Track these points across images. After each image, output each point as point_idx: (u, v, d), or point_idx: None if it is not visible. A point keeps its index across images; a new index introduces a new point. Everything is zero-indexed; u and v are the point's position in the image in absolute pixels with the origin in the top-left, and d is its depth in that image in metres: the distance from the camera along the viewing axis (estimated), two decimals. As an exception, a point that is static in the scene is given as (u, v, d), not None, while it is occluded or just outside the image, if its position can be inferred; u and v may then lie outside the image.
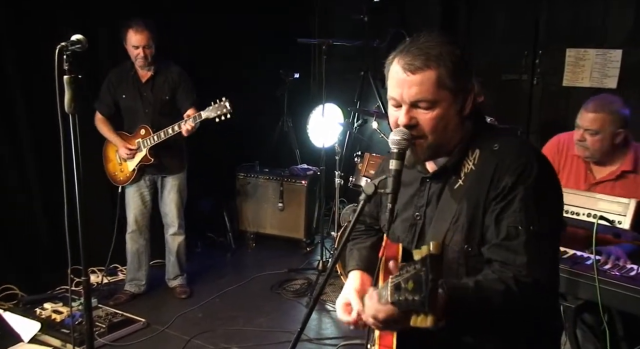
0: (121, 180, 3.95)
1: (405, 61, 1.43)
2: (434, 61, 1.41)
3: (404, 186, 1.60)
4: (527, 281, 1.34)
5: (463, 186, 1.48)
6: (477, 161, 1.48)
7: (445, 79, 1.41)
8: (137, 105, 3.87)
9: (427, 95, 1.42)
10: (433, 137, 1.47)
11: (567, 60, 4.86)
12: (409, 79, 1.42)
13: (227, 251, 5.09)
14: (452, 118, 1.46)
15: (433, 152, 1.51)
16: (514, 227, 1.38)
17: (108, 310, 3.71)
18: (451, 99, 1.44)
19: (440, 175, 1.55)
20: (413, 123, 1.46)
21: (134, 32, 3.67)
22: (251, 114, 5.43)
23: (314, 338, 3.60)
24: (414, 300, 1.08)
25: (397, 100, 1.48)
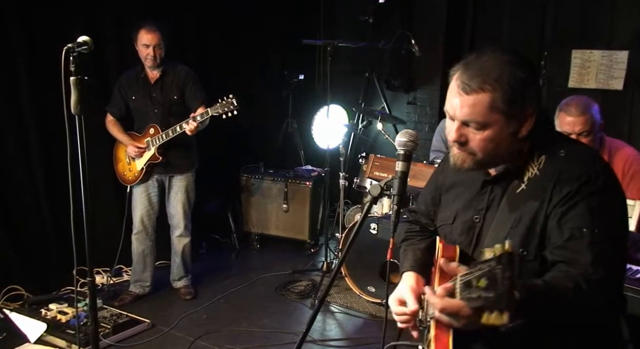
0: (130, 180, 3.97)
1: (462, 80, 1.41)
2: (490, 84, 1.38)
3: (464, 187, 1.62)
4: (595, 279, 1.31)
5: (525, 190, 1.46)
6: (542, 166, 1.46)
7: (499, 103, 1.39)
8: (147, 105, 3.90)
9: (477, 117, 1.40)
10: (482, 155, 1.46)
11: (573, 62, 4.85)
12: (462, 99, 1.41)
13: (231, 252, 5.09)
14: (503, 140, 1.44)
15: (481, 166, 1.51)
16: (578, 229, 1.36)
17: (113, 311, 3.71)
18: (504, 122, 1.41)
19: (502, 179, 1.53)
20: (462, 140, 1.46)
21: (146, 31, 3.71)
22: (256, 115, 5.45)
23: (319, 339, 3.60)
24: (487, 297, 1.08)
25: (450, 114, 1.47)
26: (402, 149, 1.59)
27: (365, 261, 3.97)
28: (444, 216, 1.67)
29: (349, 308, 4.04)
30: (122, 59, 4.27)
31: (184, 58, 4.11)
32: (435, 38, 5.53)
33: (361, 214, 1.58)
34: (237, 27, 5.22)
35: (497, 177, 1.54)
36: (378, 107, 5.69)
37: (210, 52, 5.03)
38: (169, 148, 3.87)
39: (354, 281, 4.09)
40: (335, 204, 5.39)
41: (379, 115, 4.68)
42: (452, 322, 1.26)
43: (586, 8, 4.79)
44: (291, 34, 5.41)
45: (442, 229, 1.68)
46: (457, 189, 1.66)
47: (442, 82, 5.62)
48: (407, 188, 1.60)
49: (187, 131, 3.67)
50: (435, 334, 1.43)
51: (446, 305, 1.23)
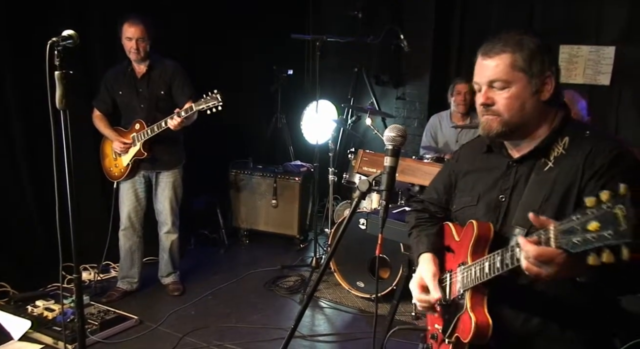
0: (116, 175, 3.94)
1: (486, 49, 1.59)
2: (510, 47, 1.55)
3: (485, 171, 1.72)
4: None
5: (553, 168, 1.55)
6: (567, 146, 1.55)
7: (520, 61, 1.54)
8: (133, 101, 3.86)
9: (501, 75, 1.55)
10: (508, 115, 1.56)
11: (561, 57, 4.87)
12: (486, 62, 1.58)
13: (220, 247, 5.08)
14: (527, 99, 1.56)
15: (508, 129, 1.58)
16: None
17: (100, 307, 3.69)
18: (526, 81, 1.55)
19: (528, 159, 1.62)
20: (489, 102, 1.58)
21: (129, 24, 3.69)
22: (245, 110, 5.43)
23: (307, 334, 3.60)
24: (604, 236, 1.11)
25: (477, 83, 1.62)
26: (390, 144, 1.59)
27: (354, 257, 3.98)
28: (465, 200, 1.76)
29: (338, 303, 4.04)
30: (110, 54, 4.23)
31: (172, 54, 4.08)
32: (424, 34, 5.53)
33: (350, 210, 1.58)
34: (225, 23, 5.19)
35: (522, 158, 1.63)
36: (367, 102, 5.69)
37: (199, 47, 4.99)
38: (155, 144, 3.84)
39: (343, 276, 4.10)
40: (324, 200, 5.39)
41: (368, 110, 4.68)
42: (541, 270, 1.30)
43: (573, 3, 4.81)
44: (280, 29, 5.39)
45: (463, 211, 1.76)
46: (477, 174, 1.75)
47: (431, 77, 5.63)
48: (395, 183, 1.60)
49: (171, 127, 3.64)
50: (471, 305, 1.54)
51: (541, 252, 1.27)
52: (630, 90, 4.64)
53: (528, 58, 1.54)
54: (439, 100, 5.24)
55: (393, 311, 2.98)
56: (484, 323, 1.51)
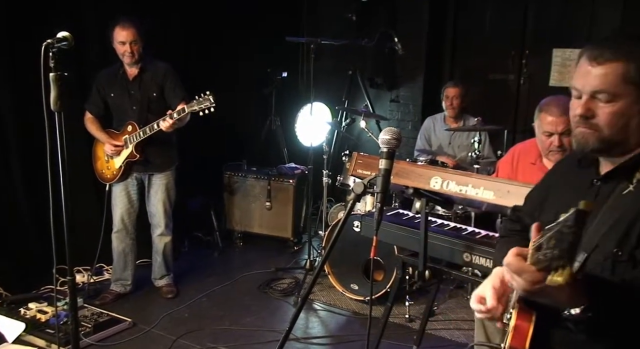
0: (108, 178, 3.93)
1: (594, 53, 1.40)
2: (623, 55, 1.37)
3: (569, 187, 1.57)
4: None
5: (633, 192, 1.39)
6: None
7: (632, 73, 1.36)
8: (125, 103, 3.86)
9: (609, 87, 1.37)
10: (609, 131, 1.40)
11: (554, 61, 4.90)
12: (594, 69, 1.39)
13: (214, 250, 5.07)
14: (634, 116, 1.39)
15: (606, 146, 1.43)
16: None
17: (94, 310, 3.67)
18: (636, 96, 1.38)
19: (611, 178, 1.47)
20: (589, 114, 1.41)
21: (121, 28, 3.68)
22: (239, 112, 5.43)
23: (302, 337, 3.60)
24: (553, 254, 1.06)
25: (578, 90, 1.44)
26: (385, 147, 1.60)
27: (349, 259, 3.98)
28: (545, 216, 1.56)
29: (332, 305, 4.04)
30: (103, 56, 4.21)
31: (166, 56, 4.07)
32: (418, 36, 5.56)
33: (345, 212, 1.59)
34: (220, 25, 5.19)
35: (607, 176, 1.48)
36: (361, 105, 5.70)
37: (193, 49, 4.99)
38: (148, 146, 3.83)
39: (337, 279, 4.10)
40: (318, 202, 5.39)
41: (362, 113, 4.69)
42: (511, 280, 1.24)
43: (567, 7, 4.86)
44: (274, 32, 5.39)
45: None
46: (565, 189, 1.60)
47: (424, 80, 5.65)
48: (390, 186, 1.61)
49: (163, 128, 3.64)
50: (516, 324, 1.41)
51: (511, 261, 1.21)
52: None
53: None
54: (433, 103, 5.26)
55: (387, 313, 2.99)
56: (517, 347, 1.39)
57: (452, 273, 2.82)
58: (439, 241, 2.61)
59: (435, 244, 2.59)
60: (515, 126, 5.23)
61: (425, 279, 2.80)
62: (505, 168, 3.13)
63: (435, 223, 2.93)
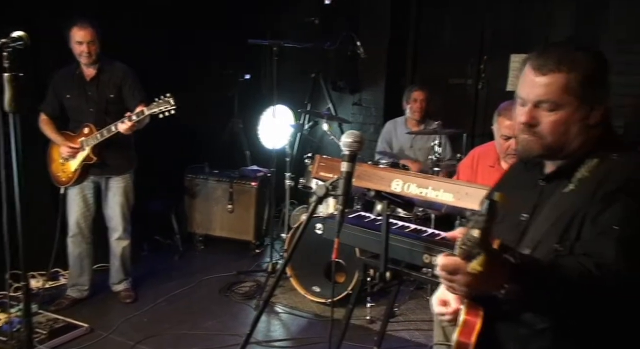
0: (64, 181, 3.83)
1: (538, 62, 1.45)
2: (566, 65, 1.42)
3: (519, 188, 1.62)
4: (612, 269, 1.28)
5: (573, 191, 1.46)
6: (592, 169, 1.46)
7: (573, 84, 1.42)
8: (82, 104, 3.77)
9: (551, 97, 1.43)
10: (551, 139, 1.47)
11: (512, 66, 5.02)
12: (537, 79, 1.44)
13: (174, 253, 4.99)
14: (573, 124, 1.46)
15: (548, 152, 1.51)
16: (609, 225, 1.34)
17: (49, 316, 3.57)
18: (576, 106, 1.44)
19: (554, 179, 1.54)
20: (533, 122, 1.47)
21: (78, 28, 3.61)
22: (201, 114, 5.37)
23: (263, 340, 3.58)
24: (471, 243, 1.11)
25: (523, 98, 1.49)
26: (347, 150, 1.61)
27: (311, 261, 3.98)
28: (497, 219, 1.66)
29: (293, 308, 4.04)
30: (59, 56, 4.11)
31: (125, 57, 4.00)
32: (380, 40, 5.62)
33: (307, 214, 1.59)
34: (182, 26, 5.13)
35: (549, 176, 1.56)
36: (324, 108, 5.72)
37: (154, 51, 4.91)
38: (105, 148, 3.75)
39: (298, 281, 4.10)
40: (281, 205, 5.38)
41: (325, 116, 4.71)
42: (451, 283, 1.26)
43: (523, 14, 4.99)
44: (237, 34, 5.36)
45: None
46: (513, 191, 1.64)
47: (386, 84, 5.71)
48: (352, 188, 1.62)
49: (121, 131, 3.57)
50: (465, 319, 1.45)
51: (445, 261, 1.24)
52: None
53: (582, 81, 1.42)
54: (394, 106, 5.32)
55: (348, 315, 3.01)
56: (465, 342, 1.44)
57: (413, 274, 2.86)
58: (399, 242, 2.64)
59: (396, 246, 2.62)
60: (473, 130, 5.34)
61: (386, 280, 2.83)
62: (466, 171, 3.20)
63: (396, 225, 2.97)
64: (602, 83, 1.47)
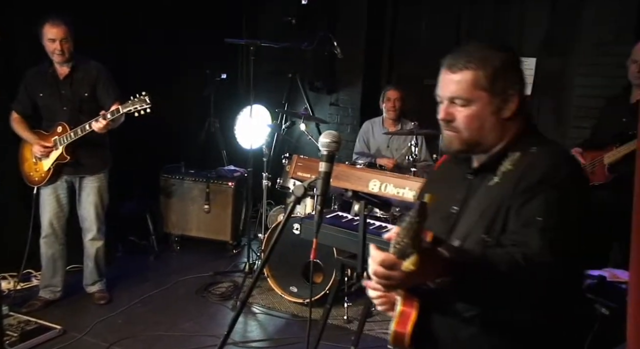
0: (36, 180, 3.76)
1: (450, 62, 1.55)
2: (474, 63, 1.51)
3: (448, 181, 1.69)
4: (536, 260, 1.35)
5: (498, 183, 1.53)
6: (515, 162, 1.53)
7: (482, 80, 1.51)
8: (55, 103, 3.71)
9: (462, 93, 1.52)
10: (467, 133, 1.55)
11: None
12: (449, 77, 1.54)
13: (150, 254, 4.94)
14: (487, 118, 1.54)
15: (467, 147, 1.58)
16: (533, 216, 1.41)
17: (20, 318, 3.51)
18: (487, 100, 1.52)
19: (480, 172, 1.61)
20: (450, 118, 1.56)
21: (50, 26, 3.55)
22: (177, 114, 5.33)
23: (240, 341, 3.56)
24: (404, 243, 1.16)
25: (439, 96, 1.59)
26: (325, 150, 1.60)
27: (288, 262, 3.98)
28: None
29: (270, 308, 4.03)
30: (32, 54, 4.03)
31: (100, 55, 3.94)
32: (357, 40, 5.63)
33: (285, 215, 1.59)
34: (157, 25, 5.08)
35: (476, 170, 1.62)
36: (301, 108, 5.72)
37: (130, 49, 4.86)
38: (79, 147, 3.69)
39: (276, 282, 4.09)
40: (258, 205, 5.36)
41: (302, 116, 4.70)
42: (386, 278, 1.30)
43: (498, 16, 5.06)
44: (214, 33, 5.32)
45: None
46: (442, 184, 1.73)
47: (363, 84, 5.73)
48: (330, 189, 1.62)
49: (95, 129, 3.52)
50: (401, 310, 1.49)
51: (383, 258, 1.29)
52: (550, 99, 4.91)
53: (491, 76, 1.50)
54: (371, 106, 5.34)
55: (326, 315, 3.01)
56: (401, 332, 1.48)
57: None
58: (377, 242, 2.64)
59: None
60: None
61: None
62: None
63: (374, 225, 2.98)
64: (513, 77, 1.54)
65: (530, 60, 4.89)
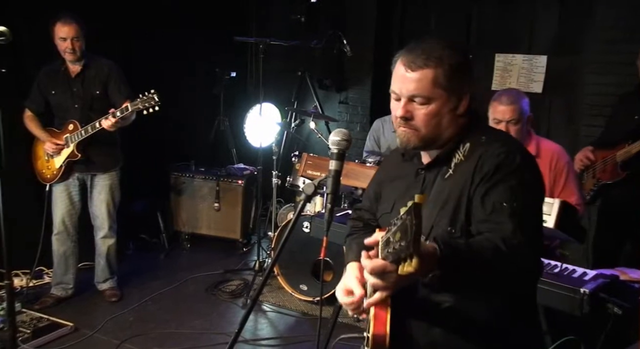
0: (48, 178, 3.79)
1: (408, 59, 1.54)
2: (433, 62, 1.51)
3: (401, 179, 1.71)
4: (514, 242, 1.40)
5: (453, 175, 1.56)
6: (466, 152, 1.57)
7: (441, 78, 1.52)
8: (67, 100, 3.74)
9: (422, 92, 1.53)
10: (426, 130, 1.56)
11: (496, 65, 5.06)
12: (409, 75, 1.54)
13: (160, 252, 4.97)
14: (445, 115, 1.56)
15: (425, 143, 1.60)
16: (499, 203, 1.46)
17: (33, 315, 3.54)
18: (445, 97, 1.54)
19: (433, 166, 1.62)
20: (408, 116, 1.56)
21: (62, 24, 3.58)
22: (187, 112, 5.35)
23: (250, 338, 3.58)
24: (400, 246, 1.15)
25: (397, 94, 1.59)
26: (335, 148, 1.60)
27: (298, 260, 3.99)
28: (383, 207, 1.76)
29: (281, 306, 4.04)
30: (42, 52, 4.06)
31: (110, 54, 3.97)
32: (366, 39, 5.62)
33: (295, 213, 1.59)
34: (167, 23, 5.09)
35: (429, 165, 1.64)
36: (310, 106, 5.72)
37: (140, 48, 4.88)
38: (90, 145, 3.73)
39: (286, 280, 4.10)
40: (267, 203, 5.38)
41: (312, 114, 4.70)
42: (382, 283, 1.32)
43: (508, 14, 5.02)
44: (223, 32, 5.34)
45: (382, 219, 1.76)
46: (396, 181, 1.74)
47: (372, 82, 5.72)
48: (340, 187, 1.61)
49: (105, 127, 3.55)
50: (375, 312, 1.50)
51: (374, 265, 1.29)
52: (560, 97, 4.88)
53: (449, 75, 1.52)
54: (381, 104, 5.33)
55: (336, 313, 3.01)
56: (380, 334, 1.48)
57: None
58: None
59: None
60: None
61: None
62: None
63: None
64: (467, 75, 1.58)
65: (541, 58, 4.86)
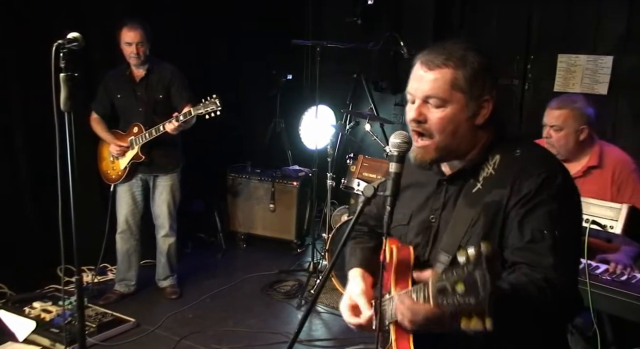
0: (113, 178, 3.94)
1: (426, 58, 1.45)
2: (453, 62, 1.41)
3: (419, 187, 1.61)
4: (557, 284, 1.32)
5: (482, 190, 1.45)
6: (497, 166, 1.46)
7: (461, 80, 1.41)
8: (132, 104, 3.87)
9: (438, 92, 1.42)
10: (440, 137, 1.46)
11: (559, 66, 4.89)
12: (425, 74, 1.44)
13: (217, 251, 5.07)
14: (461, 123, 1.45)
15: (441, 154, 1.49)
16: (538, 230, 1.36)
17: (98, 310, 3.68)
18: (463, 102, 1.43)
19: (457, 178, 1.53)
20: (421, 119, 1.46)
21: (128, 29, 3.70)
22: (244, 114, 5.44)
23: (305, 339, 3.60)
24: (468, 302, 1.08)
25: (412, 94, 1.49)
26: (396, 150, 1.59)
27: (352, 262, 3.97)
28: (397, 218, 1.60)
29: (335, 308, 4.03)
30: (108, 56, 4.23)
31: (170, 58, 4.08)
32: (423, 40, 5.54)
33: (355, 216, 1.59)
34: (225, 27, 5.20)
35: (452, 177, 1.54)
36: (366, 108, 5.70)
37: (199, 52, 5.00)
38: (153, 147, 3.84)
39: (340, 282, 4.10)
40: (322, 205, 5.39)
41: (367, 116, 4.69)
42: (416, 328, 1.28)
43: (572, 13, 4.84)
44: (280, 34, 5.41)
45: (396, 230, 1.65)
46: (413, 190, 1.64)
47: (429, 84, 5.64)
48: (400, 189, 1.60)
49: (168, 130, 3.65)
50: (396, 337, 1.44)
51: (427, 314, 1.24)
52: (627, 99, 4.67)
53: (470, 78, 1.41)
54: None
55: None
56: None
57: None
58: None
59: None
60: (519, 130, 5.23)
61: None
62: None
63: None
64: (490, 81, 1.45)
65: (606, 58, 4.67)
